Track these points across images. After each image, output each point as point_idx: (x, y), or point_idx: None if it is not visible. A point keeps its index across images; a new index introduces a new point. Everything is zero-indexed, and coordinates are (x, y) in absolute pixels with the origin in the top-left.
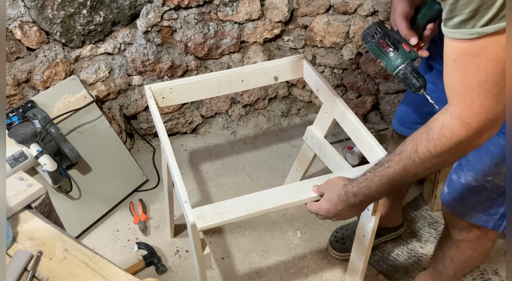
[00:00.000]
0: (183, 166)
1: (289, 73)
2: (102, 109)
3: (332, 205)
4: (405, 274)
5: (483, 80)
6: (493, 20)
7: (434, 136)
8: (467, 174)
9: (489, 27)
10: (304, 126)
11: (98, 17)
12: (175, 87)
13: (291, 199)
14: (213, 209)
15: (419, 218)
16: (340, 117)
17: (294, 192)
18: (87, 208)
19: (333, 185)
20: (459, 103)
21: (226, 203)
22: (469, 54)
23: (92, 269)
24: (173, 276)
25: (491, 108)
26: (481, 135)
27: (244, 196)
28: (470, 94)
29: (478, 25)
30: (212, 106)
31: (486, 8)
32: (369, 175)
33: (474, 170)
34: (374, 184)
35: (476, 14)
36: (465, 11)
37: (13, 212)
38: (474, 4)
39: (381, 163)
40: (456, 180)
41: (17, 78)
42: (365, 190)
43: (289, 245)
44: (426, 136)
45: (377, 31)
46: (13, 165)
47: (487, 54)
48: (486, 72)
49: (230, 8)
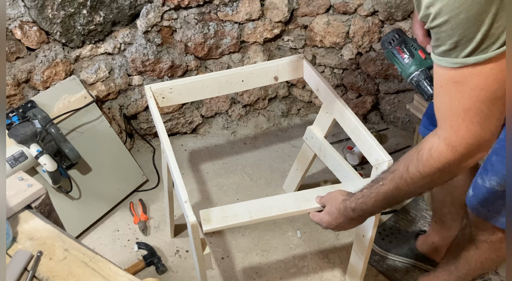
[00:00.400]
0: (183, 166)
1: (289, 73)
2: (102, 109)
3: (333, 218)
4: (405, 274)
5: (467, 107)
6: (473, 52)
7: (423, 157)
8: (491, 178)
9: (470, 58)
10: (304, 126)
11: (98, 17)
12: (175, 87)
13: (294, 208)
14: (219, 213)
15: (419, 218)
16: (340, 117)
17: (298, 201)
18: (87, 208)
19: (333, 199)
20: (446, 127)
21: (232, 207)
22: (454, 82)
23: (92, 269)
24: (173, 276)
25: (477, 133)
26: (467, 159)
27: (250, 201)
28: (456, 119)
29: (460, 55)
30: (212, 106)
31: (466, 41)
32: (366, 192)
33: (498, 175)
34: (371, 201)
35: (457, 46)
36: (448, 42)
37: (13, 212)
38: (455, 37)
39: (377, 180)
40: (481, 184)
41: (17, 78)
42: (362, 205)
43: (289, 245)
44: (416, 156)
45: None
46: (13, 165)
47: (470, 83)
48: (470, 100)
49: (230, 8)
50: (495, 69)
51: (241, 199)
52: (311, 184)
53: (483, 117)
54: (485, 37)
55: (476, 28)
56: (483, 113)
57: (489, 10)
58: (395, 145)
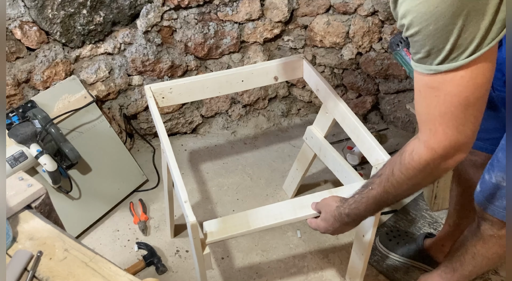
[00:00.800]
0: (183, 166)
1: (289, 73)
2: (102, 109)
3: (329, 224)
4: (405, 274)
5: (443, 112)
6: (445, 60)
7: (405, 160)
8: (497, 174)
9: (442, 66)
10: (304, 126)
11: (98, 17)
12: (175, 87)
13: (291, 215)
14: (220, 224)
15: (419, 218)
16: (340, 117)
17: (294, 208)
18: (87, 208)
19: (327, 206)
20: (425, 130)
21: (231, 218)
22: (430, 87)
23: (92, 269)
24: (173, 276)
25: (453, 136)
26: (445, 160)
27: (248, 211)
28: (434, 123)
29: (434, 63)
30: (212, 106)
31: (437, 50)
32: (357, 197)
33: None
34: (362, 205)
35: (430, 54)
36: (422, 50)
37: (13, 212)
38: (427, 46)
39: (366, 185)
40: (488, 180)
41: (17, 78)
42: (355, 210)
43: (289, 245)
44: (399, 159)
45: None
46: (13, 165)
47: (443, 89)
48: (445, 105)
49: (230, 8)
50: (466, 76)
51: (241, 199)
52: (311, 184)
53: (458, 121)
54: (454, 47)
55: (445, 39)
56: (458, 118)
57: (456, 22)
58: (395, 145)
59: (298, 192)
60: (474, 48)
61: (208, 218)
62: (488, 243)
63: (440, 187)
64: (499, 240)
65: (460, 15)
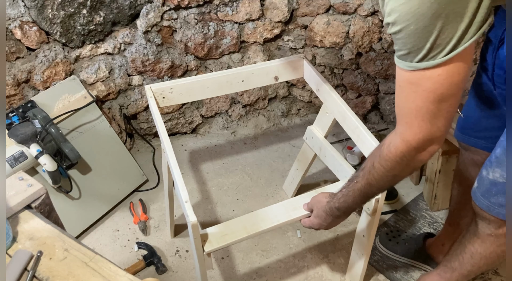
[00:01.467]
0: (183, 166)
1: (289, 73)
2: (102, 109)
3: (322, 219)
4: (405, 274)
5: (419, 106)
6: (424, 58)
7: (383, 153)
8: (495, 170)
9: (421, 63)
10: (304, 126)
11: (98, 17)
12: (175, 87)
13: (285, 218)
14: (218, 231)
15: (419, 218)
16: (340, 117)
17: (288, 210)
18: (87, 208)
19: (318, 203)
20: (402, 122)
21: (228, 225)
22: (410, 83)
23: (92, 269)
24: (173, 276)
25: (427, 130)
26: (420, 151)
27: (244, 216)
28: (410, 116)
29: (414, 60)
30: (212, 106)
31: (418, 49)
32: (345, 191)
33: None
34: (350, 198)
35: (411, 52)
36: (403, 48)
37: (13, 212)
38: (409, 44)
39: (352, 179)
40: (485, 176)
41: (17, 78)
42: (344, 204)
43: (289, 245)
44: (379, 152)
45: None
46: (13, 165)
47: (421, 85)
48: (421, 100)
49: (230, 8)
50: (443, 74)
51: (241, 199)
52: (311, 184)
53: (432, 115)
54: (433, 46)
55: (425, 39)
56: (433, 113)
57: (435, 23)
58: None
59: (298, 192)
60: (451, 47)
61: (208, 218)
62: (486, 242)
63: (440, 187)
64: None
65: (439, 17)
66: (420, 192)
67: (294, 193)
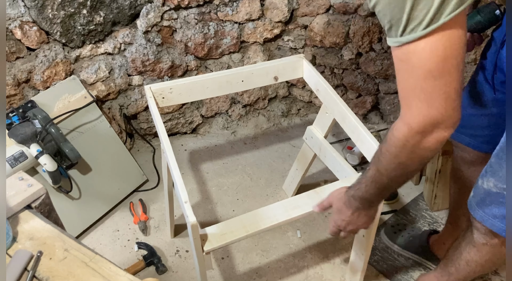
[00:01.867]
0: (183, 166)
1: (289, 73)
2: (102, 109)
3: (343, 213)
4: (405, 274)
5: (413, 85)
6: (404, 31)
7: (388, 137)
8: (489, 179)
9: (404, 37)
10: (304, 126)
11: (98, 17)
12: (175, 87)
13: (285, 216)
14: (217, 231)
15: (419, 218)
16: (340, 117)
17: (287, 209)
18: (87, 208)
19: (338, 195)
20: (403, 105)
21: (228, 224)
22: (400, 60)
23: (92, 269)
24: (173, 276)
25: (426, 111)
26: (424, 136)
27: (243, 215)
28: (408, 97)
29: (397, 35)
30: (212, 106)
31: (397, 20)
32: (359, 178)
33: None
34: (363, 186)
35: (392, 25)
36: (385, 21)
37: (13, 212)
38: (388, 17)
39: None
40: (480, 185)
41: (17, 78)
42: (358, 192)
43: (289, 245)
44: (386, 138)
45: None
46: (13, 165)
47: (409, 61)
48: (413, 78)
49: (230, 8)
50: (426, 48)
51: (241, 199)
52: (311, 184)
53: (428, 95)
54: (409, 17)
55: (401, 9)
56: (427, 91)
57: None
58: None
59: (298, 192)
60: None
61: (208, 218)
62: (482, 251)
63: (439, 187)
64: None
65: None
66: (420, 192)
67: (294, 193)
